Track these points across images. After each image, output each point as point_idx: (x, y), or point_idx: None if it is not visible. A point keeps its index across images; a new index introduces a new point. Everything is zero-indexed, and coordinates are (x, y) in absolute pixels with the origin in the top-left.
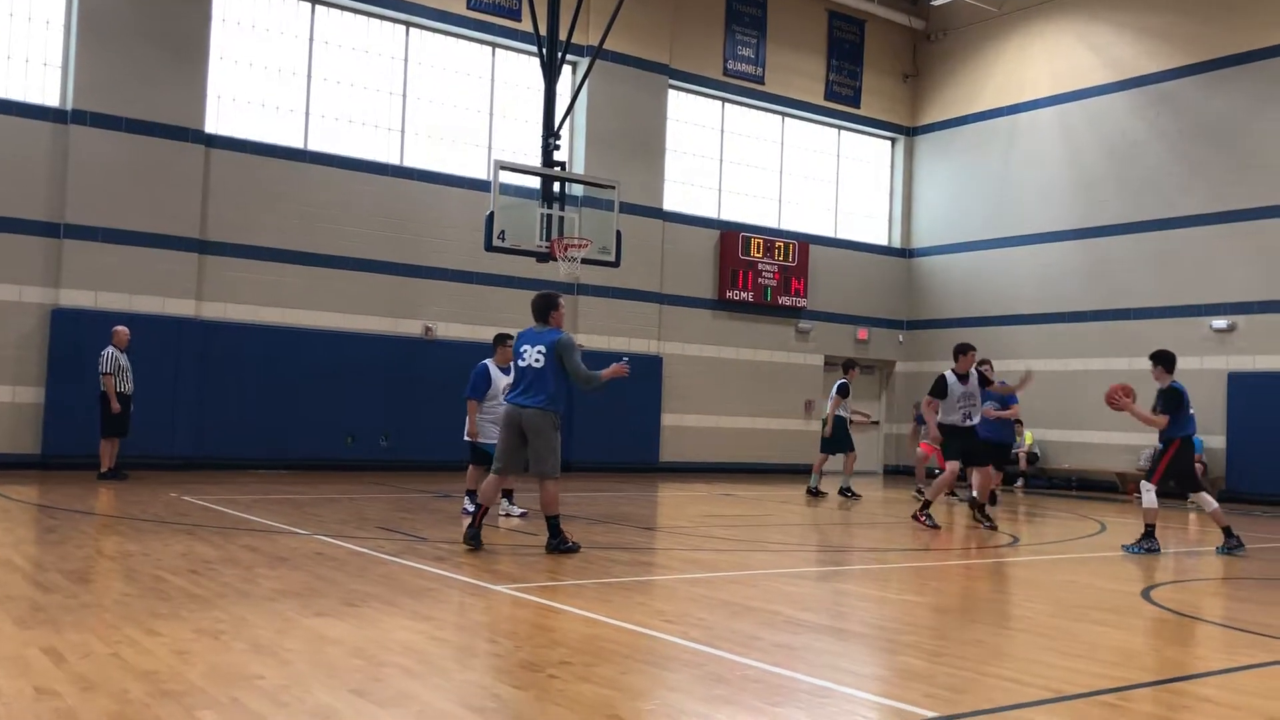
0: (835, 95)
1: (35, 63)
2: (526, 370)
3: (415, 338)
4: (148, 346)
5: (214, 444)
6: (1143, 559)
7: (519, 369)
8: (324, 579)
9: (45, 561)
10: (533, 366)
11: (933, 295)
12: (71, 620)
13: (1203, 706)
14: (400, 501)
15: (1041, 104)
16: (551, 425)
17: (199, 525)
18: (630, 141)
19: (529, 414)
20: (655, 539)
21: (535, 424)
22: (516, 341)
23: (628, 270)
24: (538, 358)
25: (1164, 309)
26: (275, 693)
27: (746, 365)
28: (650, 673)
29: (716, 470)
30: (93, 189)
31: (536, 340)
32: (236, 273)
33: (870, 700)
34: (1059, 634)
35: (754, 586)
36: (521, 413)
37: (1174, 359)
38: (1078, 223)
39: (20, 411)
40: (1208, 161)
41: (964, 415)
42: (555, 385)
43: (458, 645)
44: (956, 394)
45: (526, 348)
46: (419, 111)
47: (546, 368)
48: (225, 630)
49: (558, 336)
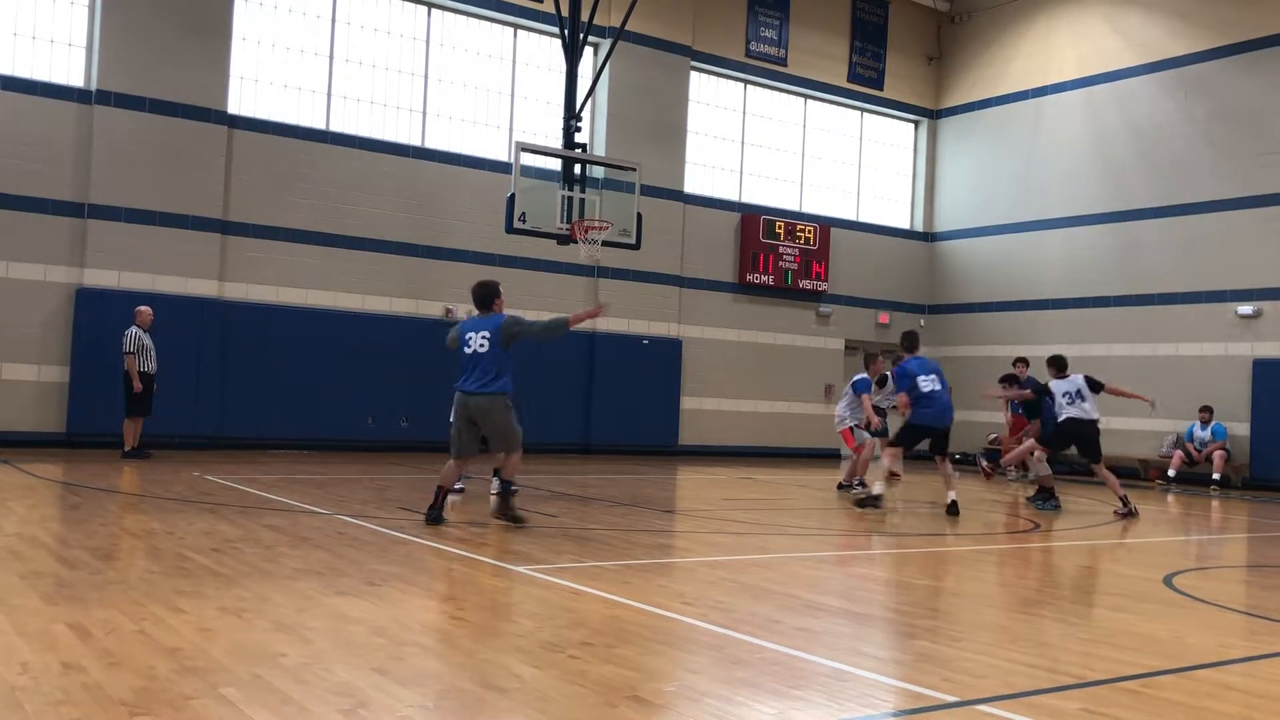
0: (858, 77)
1: (60, 43)
2: (473, 356)
3: (436, 319)
4: (170, 326)
5: (236, 424)
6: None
7: (465, 355)
8: (345, 558)
9: (71, 539)
10: (478, 352)
11: (955, 279)
12: (97, 597)
13: (1226, 694)
14: (421, 482)
15: (1067, 86)
16: (502, 406)
17: (222, 504)
18: (651, 123)
19: (477, 400)
20: (675, 522)
21: (484, 408)
22: (460, 329)
23: (648, 253)
24: (482, 343)
25: (1189, 294)
26: (297, 670)
27: (767, 349)
28: (670, 654)
29: (736, 454)
30: (116, 169)
31: (481, 327)
32: (258, 253)
33: (889, 684)
34: (1080, 620)
35: (773, 570)
36: (470, 399)
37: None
38: (1103, 207)
39: (45, 390)
40: (1236, 146)
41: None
42: (501, 368)
43: (478, 625)
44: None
45: (471, 335)
46: (440, 93)
47: (491, 353)
48: (248, 608)
49: (500, 319)
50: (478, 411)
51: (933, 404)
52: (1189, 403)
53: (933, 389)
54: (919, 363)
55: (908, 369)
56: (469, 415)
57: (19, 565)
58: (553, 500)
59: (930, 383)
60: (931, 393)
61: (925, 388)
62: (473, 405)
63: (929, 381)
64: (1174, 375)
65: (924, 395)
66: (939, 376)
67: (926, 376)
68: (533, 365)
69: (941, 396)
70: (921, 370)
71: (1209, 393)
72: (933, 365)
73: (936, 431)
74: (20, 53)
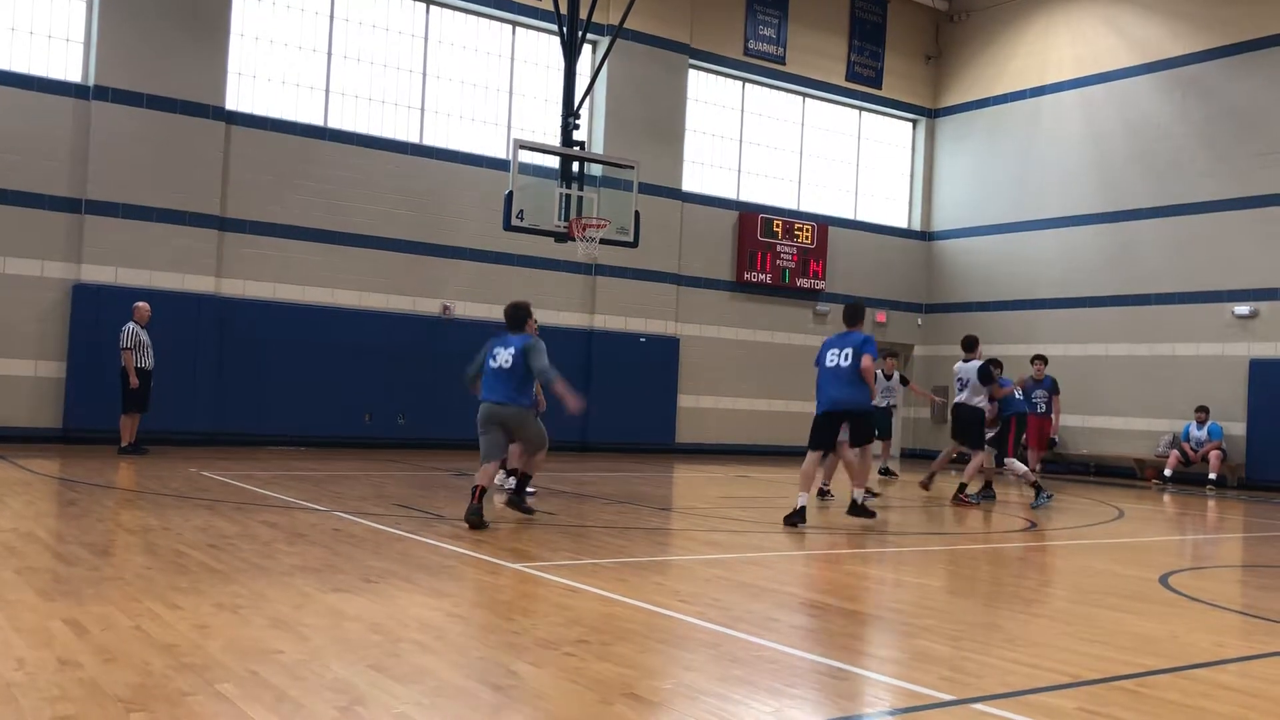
0: (857, 76)
1: (58, 38)
2: (499, 371)
3: (433, 316)
4: (168, 322)
5: (233, 420)
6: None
7: (490, 370)
8: (342, 555)
9: (67, 534)
10: (503, 368)
11: (952, 279)
12: (93, 593)
13: (1222, 693)
14: (418, 479)
15: (1065, 86)
16: (531, 416)
17: (218, 500)
18: (650, 121)
19: (510, 412)
20: (671, 520)
21: (518, 419)
22: (490, 345)
23: (645, 251)
24: (508, 360)
25: (1186, 295)
26: (294, 667)
27: (764, 347)
28: (667, 652)
29: (733, 452)
30: (114, 165)
31: (509, 344)
32: (256, 250)
33: (887, 682)
34: (1077, 619)
35: (770, 568)
36: (501, 411)
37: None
38: (1100, 207)
39: (42, 386)
40: (1232, 146)
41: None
42: (523, 383)
43: (475, 622)
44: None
45: (499, 350)
46: (439, 90)
47: (515, 369)
48: (244, 605)
49: (527, 340)
50: (511, 421)
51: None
52: (1185, 403)
53: (837, 364)
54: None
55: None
56: (500, 423)
57: (15, 561)
58: (550, 498)
59: (835, 357)
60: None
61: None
62: (504, 416)
63: (834, 355)
64: (1170, 375)
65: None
66: (849, 352)
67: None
68: None
69: (839, 373)
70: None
71: (1205, 393)
72: (845, 340)
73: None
74: (18, 48)
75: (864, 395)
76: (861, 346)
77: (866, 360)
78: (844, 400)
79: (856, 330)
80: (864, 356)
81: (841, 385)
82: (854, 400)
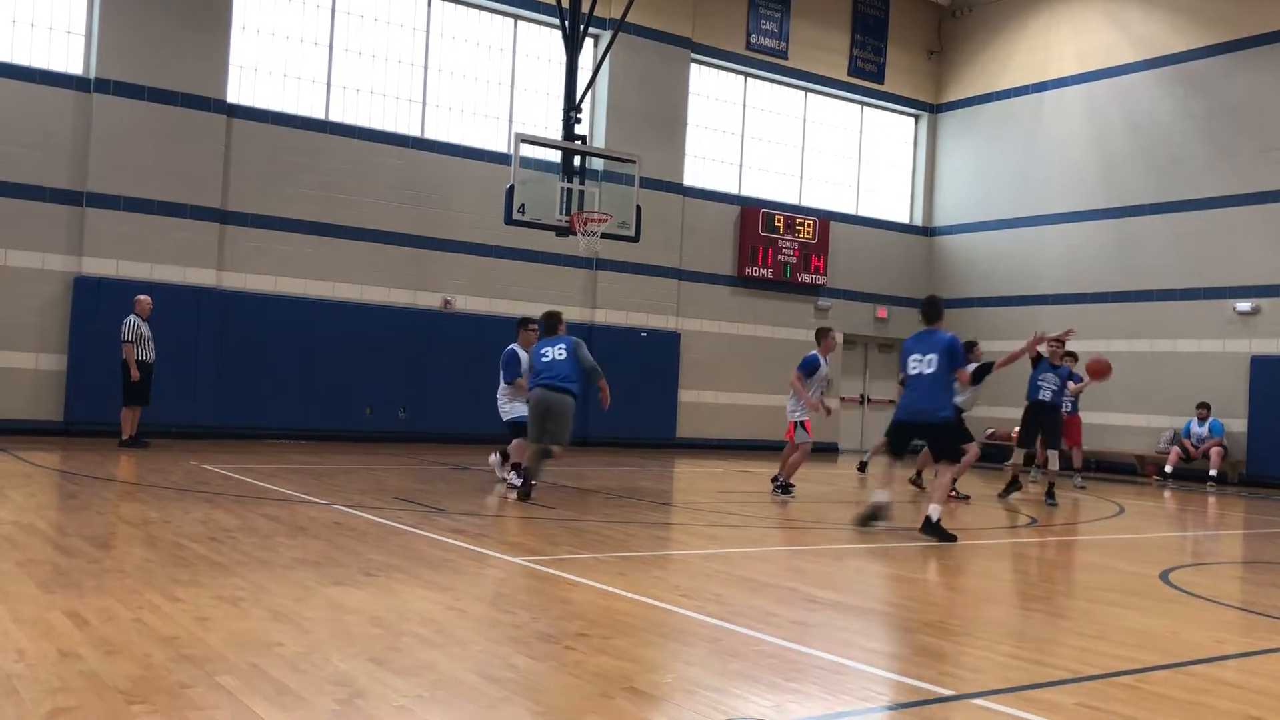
0: (859, 71)
1: (59, 31)
2: (551, 363)
3: (434, 310)
4: (168, 315)
5: (234, 413)
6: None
7: (542, 362)
8: (343, 548)
9: (68, 527)
10: (557, 360)
11: (954, 274)
12: (94, 585)
13: (1222, 689)
14: (418, 473)
15: (1067, 82)
16: (572, 406)
17: (219, 493)
18: (651, 116)
19: (563, 399)
20: (672, 514)
21: (564, 407)
22: (535, 350)
23: (647, 245)
24: (560, 353)
25: (1187, 291)
26: (294, 660)
27: (765, 342)
28: (667, 646)
29: (733, 447)
30: (115, 158)
31: (555, 343)
32: (257, 243)
33: (887, 677)
34: (1077, 615)
35: (770, 563)
36: (551, 394)
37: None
38: (1102, 203)
39: (43, 379)
40: (1235, 142)
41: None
42: (575, 373)
43: (475, 616)
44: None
45: (547, 349)
46: (440, 83)
47: (569, 360)
48: (245, 598)
49: (573, 338)
50: (556, 405)
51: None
52: (1186, 399)
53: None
54: (915, 338)
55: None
56: (550, 409)
57: (16, 553)
58: (551, 492)
59: (918, 364)
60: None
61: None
62: (552, 399)
63: (917, 363)
64: (1171, 371)
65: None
66: (934, 358)
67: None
68: None
69: (921, 381)
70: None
71: (1206, 389)
72: (927, 342)
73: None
74: (19, 40)
75: (943, 403)
76: (948, 352)
77: (963, 375)
78: (919, 409)
79: (939, 329)
80: (959, 372)
81: (921, 392)
82: (929, 409)
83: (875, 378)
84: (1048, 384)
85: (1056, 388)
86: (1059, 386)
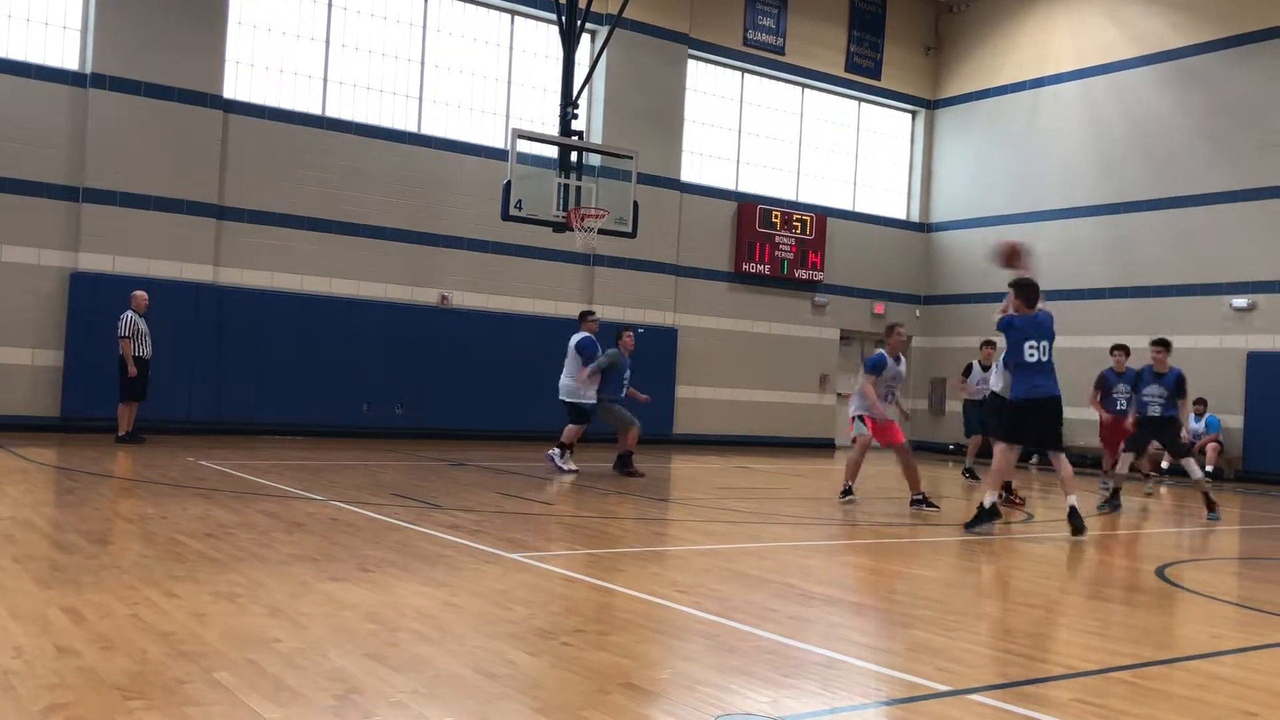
0: (856, 67)
1: (55, 26)
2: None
3: (431, 306)
4: (165, 311)
5: (231, 409)
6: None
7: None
8: (339, 544)
9: (64, 523)
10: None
11: (951, 270)
12: (91, 581)
13: (1218, 685)
14: (415, 469)
15: (1065, 78)
16: (604, 408)
17: (216, 489)
18: (648, 111)
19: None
20: (669, 510)
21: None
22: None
23: (644, 241)
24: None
25: (1185, 287)
26: (291, 656)
27: (762, 338)
28: (664, 642)
29: (731, 443)
30: (111, 153)
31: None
32: (253, 239)
33: (883, 673)
34: (1073, 611)
35: (767, 559)
36: None
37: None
38: (1099, 199)
39: (39, 374)
40: (1232, 139)
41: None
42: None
43: (472, 611)
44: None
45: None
46: (437, 79)
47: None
48: (242, 593)
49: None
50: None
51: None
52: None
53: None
54: (1031, 322)
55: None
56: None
57: (12, 549)
58: (546, 488)
59: (1035, 351)
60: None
61: (1030, 357)
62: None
63: (1033, 350)
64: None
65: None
66: (1047, 344)
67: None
68: (531, 353)
69: (1044, 367)
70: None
71: (1203, 385)
72: (1038, 326)
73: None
74: (14, 35)
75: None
76: (1051, 330)
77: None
78: (1049, 392)
79: (1043, 311)
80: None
81: (1047, 375)
82: (1055, 391)
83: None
84: (1155, 398)
85: (1165, 399)
86: (1167, 397)
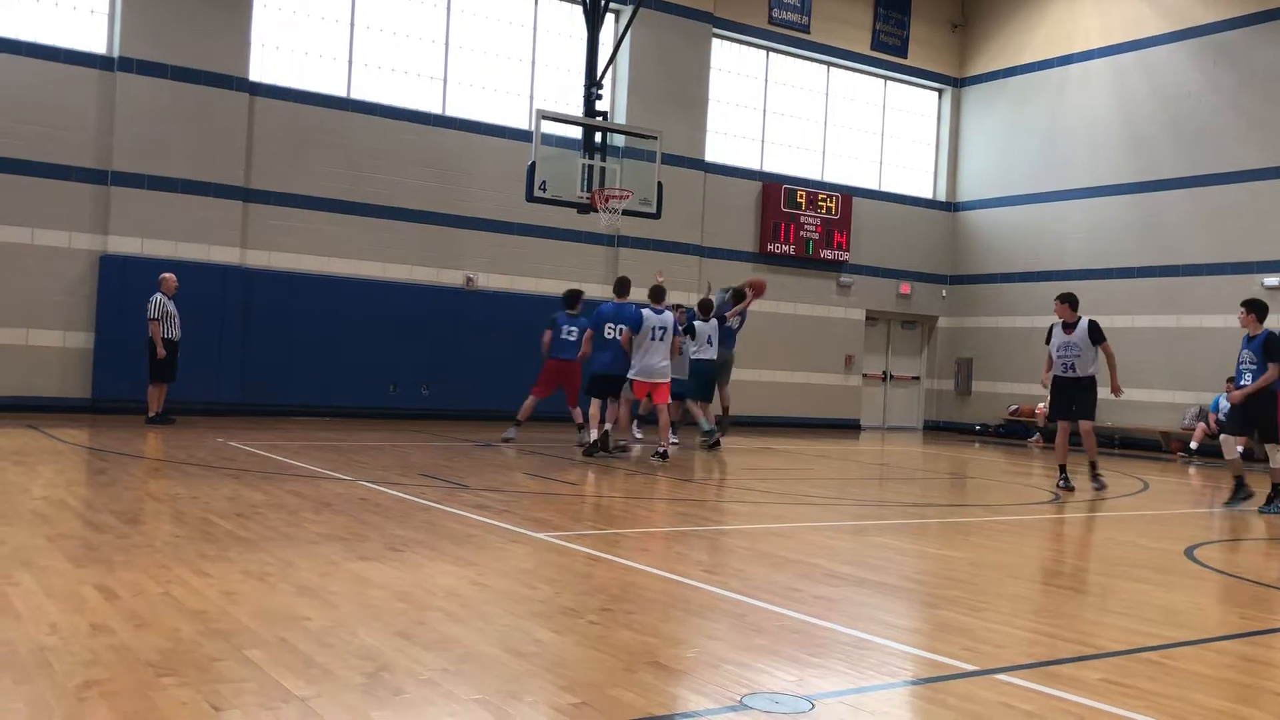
0: (882, 45)
1: (82, 10)
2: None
3: (456, 288)
4: (193, 293)
5: (259, 390)
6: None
7: (605, 340)
8: (368, 524)
9: (97, 502)
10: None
11: (977, 250)
12: (123, 560)
13: (1247, 666)
14: (442, 449)
15: (1093, 55)
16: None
17: (245, 470)
18: (673, 91)
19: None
20: (694, 490)
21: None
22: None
23: (668, 222)
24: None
25: (1215, 265)
26: (321, 634)
27: (787, 319)
28: (690, 621)
29: (755, 423)
30: (139, 136)
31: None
32: (280, 221)
33: (909, 653)
34: (1101, 591)
35: (792, 539)
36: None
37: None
38: (1128, 177)
39: (70, 356)
40: (1265, 115)
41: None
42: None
43: (499, 590)
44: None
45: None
46: (461, 60)
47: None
48: (272, 573)
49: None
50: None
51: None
52: (1213, 375)
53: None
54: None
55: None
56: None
57: (47, 528)
58: (572, 468)
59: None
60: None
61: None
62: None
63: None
64: (1198, 347)
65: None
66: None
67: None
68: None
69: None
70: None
71: (1234, 365)
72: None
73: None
74: (43, 19)
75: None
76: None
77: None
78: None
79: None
80: None
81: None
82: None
83: (897, 354)
84: (1247, 363)
85: (1256, 366)
86: (1258, 363)
